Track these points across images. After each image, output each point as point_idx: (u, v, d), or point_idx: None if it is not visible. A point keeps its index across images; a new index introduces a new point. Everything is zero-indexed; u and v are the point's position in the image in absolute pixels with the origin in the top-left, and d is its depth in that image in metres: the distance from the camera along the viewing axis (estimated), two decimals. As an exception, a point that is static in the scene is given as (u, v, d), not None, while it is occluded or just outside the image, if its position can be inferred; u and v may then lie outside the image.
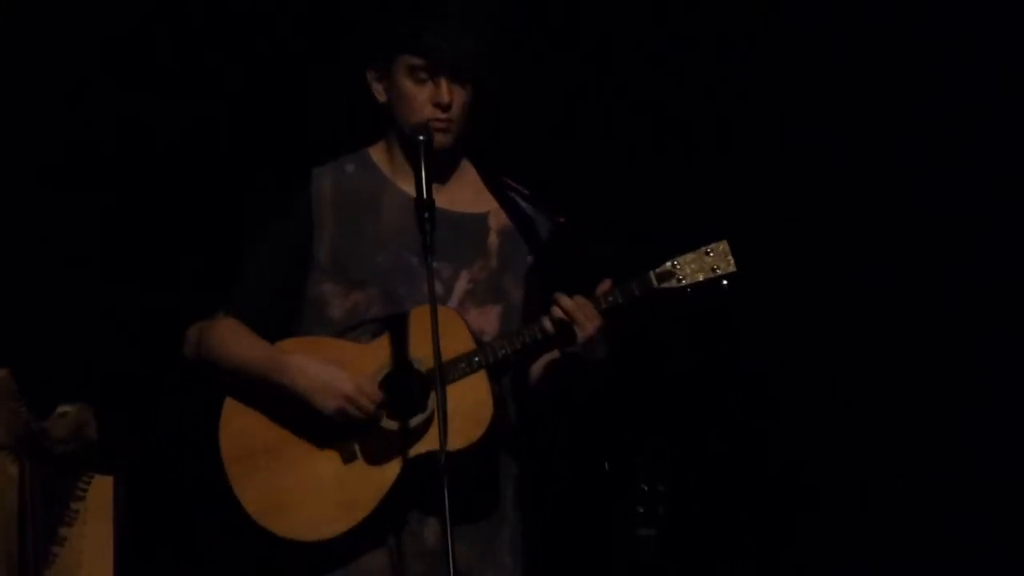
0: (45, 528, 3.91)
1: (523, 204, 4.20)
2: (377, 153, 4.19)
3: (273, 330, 4.07)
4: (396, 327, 4.02)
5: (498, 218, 4.17)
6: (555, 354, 4.09)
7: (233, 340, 4.05)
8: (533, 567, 4.15)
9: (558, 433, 4.88)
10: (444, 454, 3.72)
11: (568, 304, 3.97)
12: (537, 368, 4.16)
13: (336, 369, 3.99)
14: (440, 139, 4.03)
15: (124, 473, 4.08)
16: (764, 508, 5.49)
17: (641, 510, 4.86)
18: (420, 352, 3.96)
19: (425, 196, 3.82)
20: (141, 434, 5.06)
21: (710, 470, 5.44)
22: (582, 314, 3.97)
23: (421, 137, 3.90)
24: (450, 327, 3.98)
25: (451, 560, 3.68)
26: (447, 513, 3.67)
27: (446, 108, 4.02)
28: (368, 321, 4.06)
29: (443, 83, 4.02)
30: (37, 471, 3.85)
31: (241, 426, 4.03)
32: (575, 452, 5.30)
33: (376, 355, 4.02)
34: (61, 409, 3.97)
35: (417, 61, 4.02)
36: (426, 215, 3.81)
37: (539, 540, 4.20)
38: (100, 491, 4.05)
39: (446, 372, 3.93)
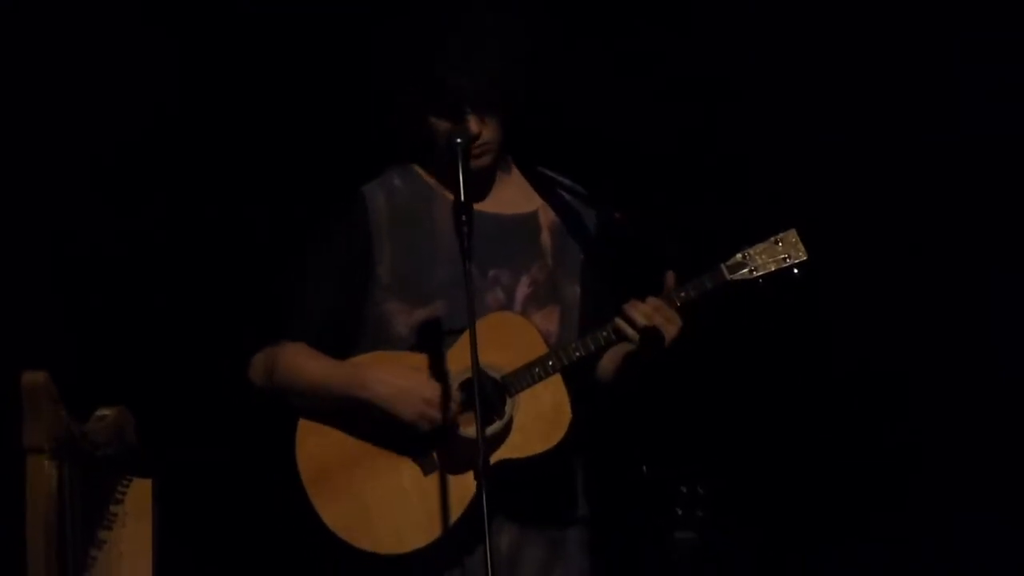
0: (84, 531, 3.90)
1: (568, 198, 4.18)
2: (420, 165, 4.17)
3: (336, 351, 4.05)
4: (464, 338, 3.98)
5: (547, 214, 4.16)
6: (625, 348, 4.06)
7: (307, 362, 4.04)
8: (599, 565, 4.15)
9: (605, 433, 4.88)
10: (483, 463, 3.68)
11: (646, 310, 3.96)
12: (610, 363, 4.15)
13: (415, 376, 3.97)
14: (477, 162, 4.00)
15: (163, 476, 4.09)
16: (803, 512, 5.47)
17: (680, 513, 4.85)
18: (493, 359, 3.94)
19: (462, 199, 3.79)
20: (180, 436, 5.07)
21: (749, 473, 5.42)
22: (662, 317, 3.96)
23: (459, 140, 3.87)
24: (521, 333, 4.01)
25: (488, 561, 3.66)
26: (486, 522, 3.64)
27: (475, 139, 3.99)
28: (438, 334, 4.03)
29: (470, 120, 3.98)
30: (76, 474, 3.83)
31: (317, 445, 4.02)
32: (615, 454, 5.29)
33: (449, 365, 4.00)
34: (100, 412, 3.96)
35: (438, 103, 3.98)
36: (463, 218, 3.78)
37: (605, 539, 4.20)
38: (139, 494, 4.04)
39: (521, 378, 3.97)
